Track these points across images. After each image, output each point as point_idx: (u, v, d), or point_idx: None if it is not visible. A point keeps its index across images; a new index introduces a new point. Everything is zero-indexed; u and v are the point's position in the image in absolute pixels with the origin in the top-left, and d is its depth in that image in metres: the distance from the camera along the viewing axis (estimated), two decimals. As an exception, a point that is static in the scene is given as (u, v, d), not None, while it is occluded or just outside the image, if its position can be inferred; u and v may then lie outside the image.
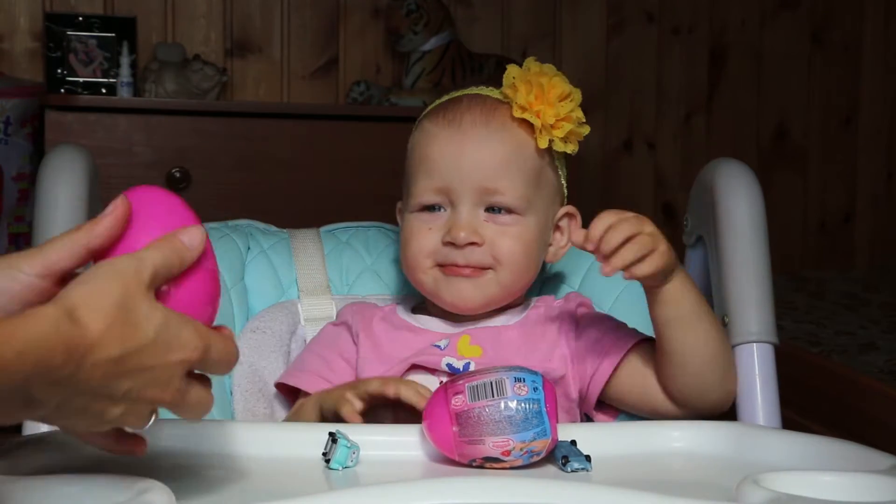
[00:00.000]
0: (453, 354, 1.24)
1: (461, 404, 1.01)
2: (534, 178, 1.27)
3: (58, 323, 0.76)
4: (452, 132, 1.26)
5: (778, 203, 3.32)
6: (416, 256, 1.27)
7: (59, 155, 1.37)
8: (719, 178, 1.44)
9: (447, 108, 1.29)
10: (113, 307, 0.79)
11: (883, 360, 2.21)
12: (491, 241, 1.24)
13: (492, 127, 1.26)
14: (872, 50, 3.46)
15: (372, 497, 0.89)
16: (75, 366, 0.77)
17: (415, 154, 1.29)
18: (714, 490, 0.99)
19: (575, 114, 1.25)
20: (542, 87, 1.24)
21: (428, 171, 1.26)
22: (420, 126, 1.31)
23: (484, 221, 1.25)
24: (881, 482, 0.92)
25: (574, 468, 1.02)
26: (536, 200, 1.27)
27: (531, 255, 1.28)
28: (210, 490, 0.96)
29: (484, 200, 1.25)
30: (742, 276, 1.38)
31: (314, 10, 3.03)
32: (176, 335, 0.83)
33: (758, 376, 1.33)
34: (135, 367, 0.81)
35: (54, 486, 0.88)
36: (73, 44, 2.67)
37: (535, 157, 1.27)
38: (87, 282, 0.81)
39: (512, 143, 1.26)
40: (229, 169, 2.55)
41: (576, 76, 1.27)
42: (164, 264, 0.85)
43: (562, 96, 1.25)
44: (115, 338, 0.79)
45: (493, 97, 1.29)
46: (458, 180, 1.24)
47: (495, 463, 1.01)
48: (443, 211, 1.26)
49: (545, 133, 1.25)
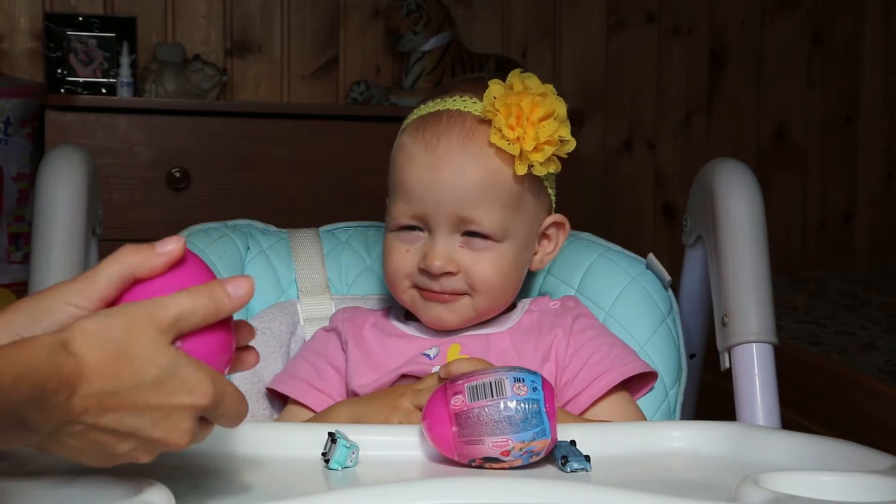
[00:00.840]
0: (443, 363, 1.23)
1: (460, 404, 1.01)
2: (512, 204, 1.25)
3: (53, 351, 0.77)
4: (429, 157, 1.23)
5: (778, 203, 3.32)
6: (394, 276, 1.27)
7: (59, 155, 1.37)
8: (719, 178, 1.44)
9: (426, 125, 1.26)
10: (111, 342, 0.80)
11: (883, 360, 2.21)
12: (466, 268, 1.24)
13: (469, 153, 1.22)
14: (872, 50, 3.46)
15: (371, 497, 0.89)
16: (68, 394, 0.77)
17: (394, 171, 1.27)
18: (713, 490, 0.99)
19: (558, 133, 1.22)
20: (521, 108, 1.21)
21: (405, 197, 1.24)
22: (401, 140, 1.28)
23: (459, 247, 1.24)
24: (881, 482, 0.92)
25: (573, 468, 1.02)
26: (515, 225, 1.25)
27: (507, 279, 1.27)
28: (209, 490, 0.96)
29: (460, 227, 1.23)
30: (742, 276, 1.38)
31: (314, 10, 3.03)
32: (185, 379, 0.82)
33: (757, 376, 1.33)
34: (134, 404, 0.81)
35: (54, 487, 0.88)
36: (73, 44, 2.67)
37: (513, 183, 1.24)
38: (95, 317, 0.82)
39: (489, 171, 1.23)
40: (229, 169, 2.55)
41: (576, 76, 1.27)
42: (194, 311, 0.84)
43: (544, 116, 1.22)
44: (110, 372, 0.79)
45: (474, 115, 1.24)
46: (433, 208, 1.23)
47: (494, 463, 1.01)
48: (420, 232, 1.25)
49: (524, 160, 1.22)
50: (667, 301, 1.42)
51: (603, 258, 1.43)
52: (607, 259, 1.43)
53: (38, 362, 0.76)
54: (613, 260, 1.43)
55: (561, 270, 1.44)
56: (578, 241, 1.47)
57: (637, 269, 1.43)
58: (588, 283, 1.42)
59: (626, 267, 1.43)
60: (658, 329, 1.39)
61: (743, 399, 1.33)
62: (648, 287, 1.41)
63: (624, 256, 1.45)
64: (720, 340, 1.38)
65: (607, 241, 1.47)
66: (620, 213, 3.25)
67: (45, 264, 1.30)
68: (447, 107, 1.26)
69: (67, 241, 1.31)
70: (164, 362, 0.82)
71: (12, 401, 0.75)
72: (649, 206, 3.30)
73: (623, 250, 1.46)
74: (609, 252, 1.45)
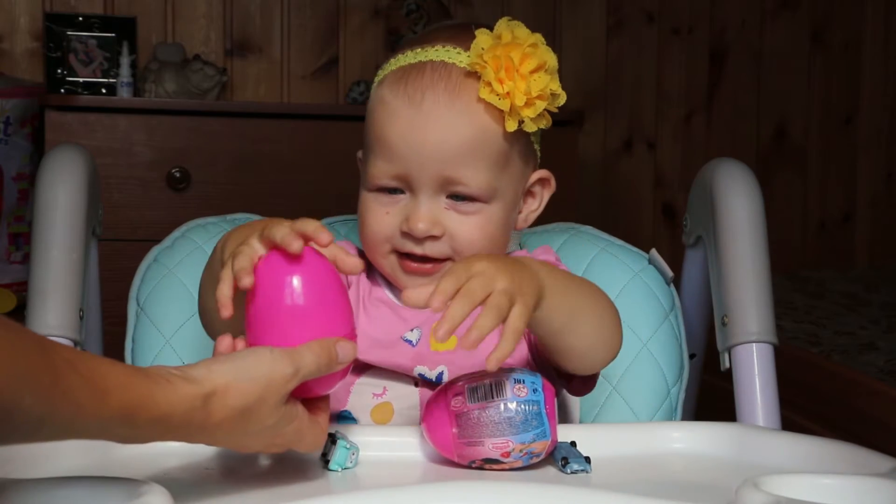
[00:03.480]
0: (425, 357, 1.19)
1: (460, 405, 1.01)
2: (500, 162, 1.17)
3: (193, 404, 0.87)
4: (413, 112, 1.15)
5: (777, 203, 3.32)
6: (373, 239, 1.19)
7: (59, 155, 1.37)
8: (718, 178, 1.44)
9: (409, 77, 1.17)
10: (240, 408, 0.90)
11: (883, 360, 2.21)
12: (451, 232, 1.16)
13: (456, 109, 1.15)
14: (872, 50, 3.46)
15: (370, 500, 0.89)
16: (187, 432, 0.89)
17: (373, 127, 1.19)
18: (714, 492, 0.99)
19: (549, 87, 1.14)
20: (511, 60, 1.13)
21: (386, 155, 1.17)
22: (379, 94, 1.20)
23: (445, 209, 1.16)
24: (882, 486, 0.92)
25: (574, 469, 1.02)
26: (503, 184, 1.18)
27: (495, 243, 1.19)
28: (209, 491, 0.96)
29: (446, 188, 1.16)
30: (741, 275, 1.38)
31: (314, 10, 3.03)
32: (280, 430, 0.95)
33: (757, 376, 1.33)
34: (235, 440, 0.94)
35: (54, 487, 0.88)
36: (73, 44, 2.67)
37: (502, 140, 1.17)
38: (236, 370, 0.91)
39: (477, 128, 1.15)
40: (229, 169, 2.55)
41: (576, 76, 1.27)
42: (314, 372, 0.95)
43: (535, 68, 1.14)
44: (230, 426, 0.90)
45: (460, 67, 1.16)
46: (417, 168, 1.15)
47: (495, 464, 1.01)
48: (401, 194, 1.18)
49: (514, 115, 1.15)
50: (669, 297, 1.40)
51: (605, 253, 1.42)
52: (609, 254, 1.42)
53: (177, 411, 0.86)
54: (615, 255, 1.42)
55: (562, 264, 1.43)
56: (580, 235, 1.46)
57: (639, 265, 1.42)
58: (590, 277, 1.40)
59: (628, 262, 1.41)
60: (661, 325, 1.38)
61: (743, 399, 1.33)
62: (651, 283, 1.40)
63: (626, 251, 1.43)
64: (720, 340, 1.38)
65: (609, 236, 1.46)
66: (620, 213, 3.25)
67: (45, 264, 1.30)
68: (430, 57, 1.18)
69: (67, 241, 1.31)
70: (272, 422, 0.93)
71: (144, 434, 0.87)
72: (649, 206, 3.30)
73: (626, 245, 1.45)
74: (611, 247, 1.43)
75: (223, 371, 0.90)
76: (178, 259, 1.37)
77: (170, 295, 1.35)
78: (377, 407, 1.20)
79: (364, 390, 1.20)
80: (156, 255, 1.38)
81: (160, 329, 1.33)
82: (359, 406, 1.20)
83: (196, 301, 1.32)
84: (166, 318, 1.33)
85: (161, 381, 0.85)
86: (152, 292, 1.35)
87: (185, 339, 1.33)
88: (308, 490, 0.96)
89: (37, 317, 1.28)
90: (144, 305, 1.35)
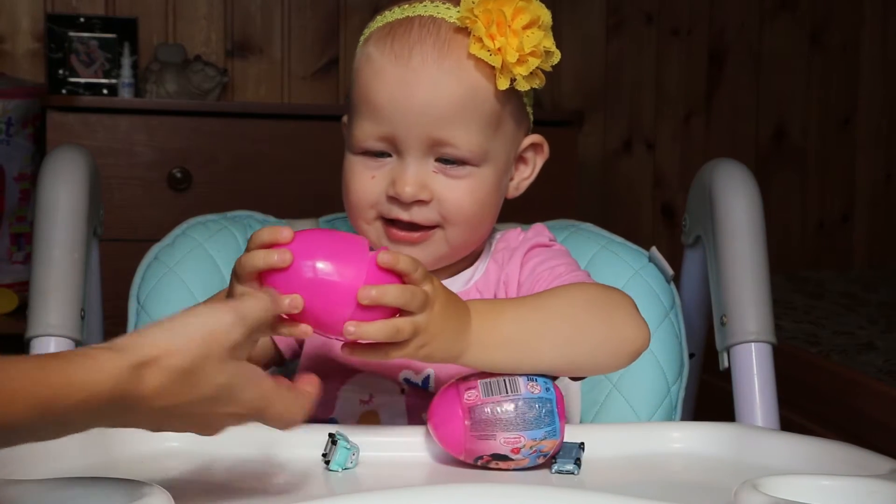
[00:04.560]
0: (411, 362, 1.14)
1: (474, 399, 1.00)
2: (492, 123, 1.12)
3: (120, 377, 0.77)
4: (401, 70, 1.10)
5: (776, 203, 3.32)
6: (357, 205, 1.15)
7: (61, 155, 1.37)
8: (717, 178, 1.44)
9: (396, 33, 1.12)
10: (180, 370, 0.80)
11: (881, 359, 2.22)
12: (440, 197, 1.11)
13: (445, 67, 1.09)
14: (871, 51, 3.47)
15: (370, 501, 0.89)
16: (122, 409, 0.79)
17: (358, 86, 1.14)
18: (713, 493, 0.99)
19: (543, 44, 1.09)
20: (504, 15, 1.08)
21: (372, 115, 1.11)
22: (365, 51, 1.14)
23: (433, 173, 1.12)
24: (881, 487, 0.92)
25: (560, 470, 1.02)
26: (494, 147, 1.13)
27: (485, 209, 1.15)
28: (209, 492, 0.96)
29: (434, 151, 1.11)
30: (740, 275, 1.38)
31: (314, 10, 3.03)
32: (236, 395, 0.85)
33: (756, 376, 1.33)
34: (183, 413, 0.83)
35: (53, 489, 0.88)
36: (75, 45, 2.68)
37: (494, 100, 1.12)
38: (171, 332, 0.82)
39: (468, 86, 1.10)
40: (230, 169, 2.55)
41: (575, 77, 1.27)
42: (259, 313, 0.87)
43: (528, 24, 1.09)
44: (171, 394, 0.81)
45: (449, 22, 1.11)
46: (405, 129, 1.10)
47: (501, 461, 1.01)
48: (388, 157, 1.13)
49: (506, 73, 1.09)
50: (669, 295, 1.40)
51: (605, 250, 1.42)
52: (610, 252, 1.42)
53: (100, 390, 0.77)
54: (616, 252, 1.41)
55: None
56: (581, 232, 1.45)
57: (640, 263, 1.41)
58: (592, 272, 1.41)
59: (628, 260, 1.41)
60: (661, 324, 1.38)
61: (742, 398, 1.33)
62: (651, 281, 1.40)
63: (627, 249, 1.43)
64: (719, 340, 1.38)
65: (609, 233, 1.45)
66: (620, 213, 3.25)
67: (46, 264, 1.30)
68: (418, 13, 1.13)
69: (69, 241, 1.32)
70: (221, 382, 0.83)
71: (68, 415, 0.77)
72: (648, 206, 3.30)
73: (626, 243, 1.44)
74: (612, 244, 1.43)
75: (155, 335, 0.81)
76: (179, 257, 1.36)
77: (170, 292, 1.34)
78: (364, 414, 1.17)
79: (351, 397, 1.18)
80: (156, 252, 1.38)
81: (161, 328, 1.33)
82: (347, 413, 1.18)
83: (197, 299, 1.33)
84: (166, 317, 1.33)
85: (78, 360, 0.76)
86: (153, 290, 1.35)
87: (186, 339, 1.32)
88: (308, 490, 0.96)
89: (38, 317, 1.28)
90: (145, 303, 1.35)
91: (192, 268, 1.35)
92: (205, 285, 1.35)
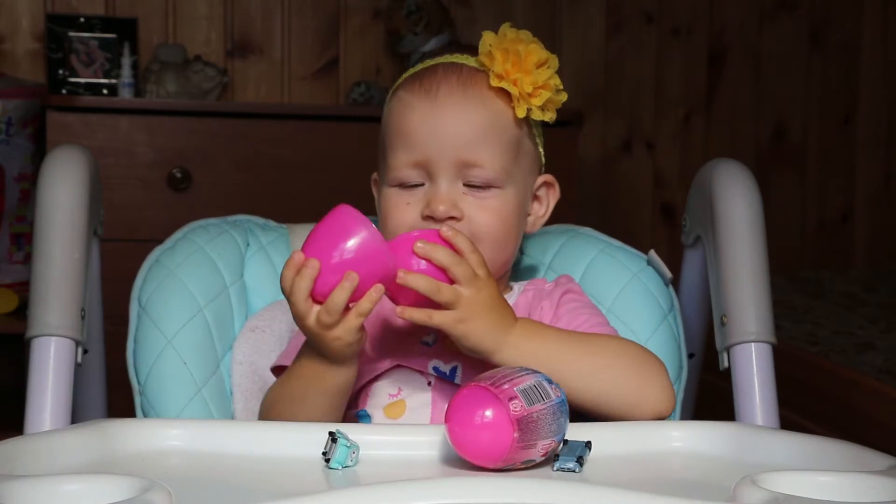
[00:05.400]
0: (441, 353, 1.22)
1: (521, 409, 0.99)
2: (513, 149, 1.25)
3: None
4: (429, 103, 1.24)
5: (776, 203, 3.32)
6: (396, 230, 1.23)
7: (61, 155, 1.37)
8: (717, 178, 1.45)
9: (423, 77, 1.27)
10: None
11: (881, 359, 2.22)
12: (470, 216, 1.23)
13: (469, 96, 1.24)
14: (871, 50, 3.47)
15: (369, 497, 0.89)
16: None
17: (391, 124, 1.27)
18: (712, 490, 0.99)
19: (553, 81, 1.24)
20: (518, 54, 1.22)
21: (405, 144, 1.24)
22: (396, 95, 1.29)
23: (463, 195, 1.23)
24: (879, 483, 0.92)
25: (562, 467, 1.02)
26: (515, 171, 1.26)
27: (510, 229, 1.26)
28: (209, 490, 0.96)
29: (463, 174, 1.23)
30: (740, 275, 1.38)
31: (315, 11, 3.03)
32: None
33: (756, 376, 1.33)
34: None
35: (54, 486, 0.89)
36: (75, 45, 2.68)
37: (514, 127, 1.25)
38: None
39: (490, 113, 1.24)
40: (230, 169, 2.56)
41: (575, 76, 1.28)
42: None
43: (539, 63, 1.23)
44: None
45: (469, 66, 1.26)
46: (436, 153, 1.22)
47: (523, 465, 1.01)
48: (421, 187, 1.24)
49: (523, 102, 1.23)
50: (668, 298, 1.41)
51: (604, 254, 1.43)
52: (608, 255, 1.43)
53: None
54: (614, 256, 1.43)
55: (562, 266, 1.43)
56: (579, 236, 1.46)
57: (638, 266, 1.42)
58: (589, 278, 1.41)
59: (627, 263, 1.42)
60: (659, 326, 1.39)
61: (741, 398, 1.33)
62: (650, 284, 1.41)
63: (625, 252, 1.44)
64: (719, 340, 1.38)
65: (608, 237, 1.47)
66: (620, 213, 3.26)
67: (46, 264, 1.30)
68: (440, 61, 1.28)
69: (69, 241, 1.32)
70: None
71: None
72: (648, 206, 3.30)
73: (624, 246, 1.45)
74: (610, 248, 1.44)
75: None
76: (180, 260, 1.37)
77: (171, 295, 1.35)
78: (391, 405, 1.23)
79: (380, 392, 1.24)
80: (157, 256, 1.38)
81: (162, 330, 1.33)
82: (375, 406, 1.23)
83: (198, 302, 1.34)
84: (168, 319, 1.34)
85: None
86: (154, 293, 1.35)
87: (187, 340, 1.33)
88: (308, 488, 0.96)
89: (38, 317, 1.28)
90: (146, 306, 1.35)
91: (193, 271, 1.36)
92: (206, 288, 1.36)
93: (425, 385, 1.23)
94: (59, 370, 1.25)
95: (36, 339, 1.27)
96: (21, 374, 1.44)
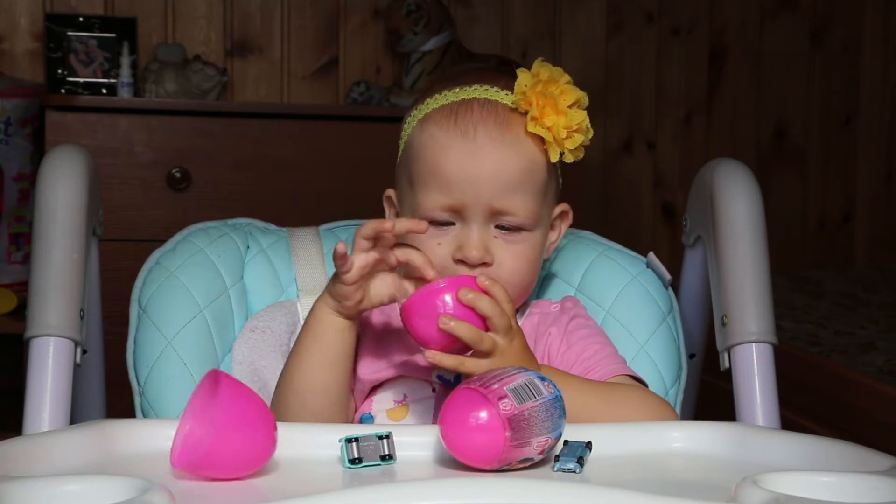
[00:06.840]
0: None
1: (510, 408, 0.99)
2: (543, 193, 1.26)
3: None
4: (468, 146, 1.22)
5: (777, 203, 3.32)
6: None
7: (60, 155, 1.37)
8: (718, 178, 1.44)
9: (458, 114, 1.24)
10: None
11: (882, 360, 2.22)
12: (499, 260, 1.23)
13: (507, 142, 1.23)
14: (872, 50, 3.47)
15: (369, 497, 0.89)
16: None
17: (424, 160, 1.25)
18: (713, 490, 0.99)
19: (584, 122, 1.24)
20: (554, 98, 1.22)
21: (440, 187, 1.22)
22: (427, 130, 1.26)
23: (494, 238, 1.23)
24: (880, 483, 0.92)
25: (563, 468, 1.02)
26: (543, 213, 1.27)
27: (534, 270, 1.28)
28: (209, 490, 0.96)
29: (495, 218, 1.23)
30: (741, 276, 1.38)
31: (314, 10, 3.03)
32: None
33: (757, 376, 1.33)
34: None
35: (54, 486, 0.88)
36: (74, 44, 2.67)
37: (545, 171, 1.26)
38: None
39: (526, 160, 1.23)
40: (229, 169, 2.55)
41: (576, 76, 1.27)
42: None
43: (572, 104, 1.23)
44: None
45: (504, 104, 1.24)
46: (472, 199, 1.22)
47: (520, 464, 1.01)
48: (451, 226, 1.24)
49: (556, 146, 1.23)
50: (667, 300, 1.42)
51: (603, 257, 1.44)
52: (607, 258, 1.44)
53: None
54: (614, 258, 1.44)
55: (561, 269, 1.44)
56: (579, 239, 1.47)
57: (637, 268, 1.43)
58: (588, 281, 1.42)
59: (626, 266, 1.43)
60: (658, 328, 1.39)
61: (742, 399, 1.33)
62: (649, 286, 1.42)
63: (624, 255, 1.45)
64: (720, 340, 1.38)
65: (607, 240, 1.48)
66: (620, 213, 3.25)
67: (45, 264, 1.30)
68: (473, 95, 1.25)
69: (68, 241, 1.31)
70: None
71: None
72: (649, 206, 3.30)
73: (623, 249, 1.46)
74: (609, 251, 1.45)
75: None
76: (180, 262, 1.37)
77: (172, 297, 1.35)
78: (394, 409, 1.25)
79: (386, 398, 1.26)
80: (158, 257, 1.39)
81: (162, 331, 1.33)
82: (379, 409, 1.26)
83: (198, 304, 1.34)
84: (168, 320, 1.34)
85: None
86: (154, 294, 1.35)
87: (187, 341, 1.33)
88: (308, 488, 0.96)
89: (37, 317, 1.28)
90: (146, 307, 1.35)
91: (194, 273, 1.37)
92: (206, 290, 1.36)
93: (430, 391, 1.25)
94: (58, 370, 1.25)
95: (35, 340, 1.27)
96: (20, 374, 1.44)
